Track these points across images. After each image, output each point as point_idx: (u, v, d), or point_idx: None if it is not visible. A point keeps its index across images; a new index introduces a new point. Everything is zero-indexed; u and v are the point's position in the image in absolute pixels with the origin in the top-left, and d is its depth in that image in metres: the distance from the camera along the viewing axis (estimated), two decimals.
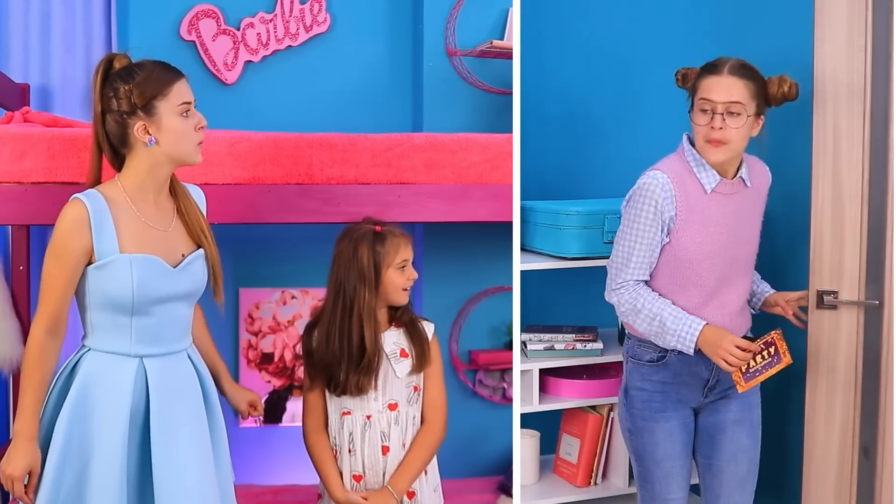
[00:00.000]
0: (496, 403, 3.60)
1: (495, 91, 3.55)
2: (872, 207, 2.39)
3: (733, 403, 2.33)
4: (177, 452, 2.05)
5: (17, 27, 3.26)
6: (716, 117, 2.18)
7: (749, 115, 2.19)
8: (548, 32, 3.36)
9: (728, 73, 2.19)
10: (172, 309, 2.10)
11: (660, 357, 2.34)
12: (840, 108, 2.41)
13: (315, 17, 3.48)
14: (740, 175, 2.28)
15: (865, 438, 2.44)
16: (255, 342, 3.46)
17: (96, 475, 2.01)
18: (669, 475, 2.37)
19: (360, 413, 2.42)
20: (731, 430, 2.33)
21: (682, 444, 2.36)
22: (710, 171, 2.25)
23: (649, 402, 2.36)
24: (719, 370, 2.30)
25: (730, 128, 2.18)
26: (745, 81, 2.19)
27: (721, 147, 2.20)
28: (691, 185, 2.25)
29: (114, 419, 2.02)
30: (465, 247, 3.49)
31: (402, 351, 2.46)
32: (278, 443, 3.48)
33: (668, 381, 2.34)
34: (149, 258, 2.03)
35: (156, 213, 2.10)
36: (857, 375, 2.43)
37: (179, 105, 2.05)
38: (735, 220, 2.28)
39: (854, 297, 2.42)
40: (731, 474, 2.33)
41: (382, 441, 2.42)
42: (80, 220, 1.99)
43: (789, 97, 2.24)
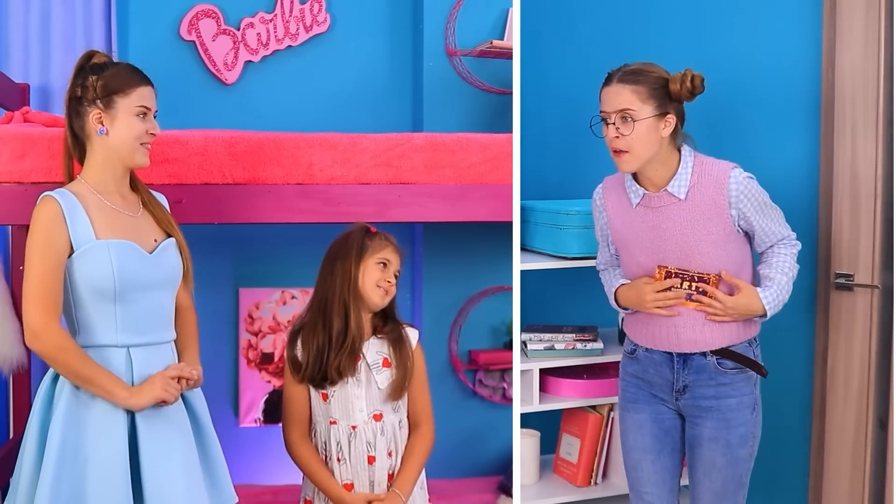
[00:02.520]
0: (496, 403, 3.60)
1: (495, 91, 3.55)
2: (885, 200, 2.57)
3: (709, 419, 2.27)
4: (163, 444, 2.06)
5: (17, 27, 3.27)
6: (609, 127, 2.20)
7: (645, 118, 2.17)
8: (548, 32, 3.36)
9: (616, 82, 2.20)
10: (153, 297, 2.13)
11: (632, 350, 2.39)
12: (857, 108, 2.62)
13: (315, 17, 3.48)
14: (666, 189, 2.23)
15: (881, 411, 2.62)
16: (255, 342, 3.46)
17: (99, 476, 2.01)
18: (638, 467, 2.37)
19: (346, 423, 2.41)
20: (707, 447, 2.28)
21: (653, 438, 2.35)
22: (635, 186, 2.28)
23: (625, 392, 2.42)
24: (684, 374, 2.28)
25: (624, 135, 2.17)
26: (634, 86, 2.18)
27: (624, 156, 2.19)
28: (623, 198, 2.34)
29: (112, 415, 2.03)
30: (465, 247, 3.49)
31: (385, 360, 2.44)
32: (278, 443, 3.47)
33: (640, 375, 2.38)
34: (125, 243, 2.09)
35: (122, 201, 2.17)
36: (871, 352, 2.61)
37: (137, 106, 2.13)
38: (660, 233, 2.25)
39: (868, 281, 2.61)
40: (706, 488, 2.30)
41: (368, 451, 2.41)
42: (56, 214, 2.05)
43: (696, 91, 2.20)
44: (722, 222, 2.20)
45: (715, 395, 2.26)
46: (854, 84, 2.63)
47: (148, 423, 2.07)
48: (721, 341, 2.26)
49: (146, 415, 2.07)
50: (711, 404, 2.26)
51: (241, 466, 3.37)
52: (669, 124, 2.20)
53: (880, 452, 2.63)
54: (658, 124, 2.19)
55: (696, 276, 2.22)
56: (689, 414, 2.31)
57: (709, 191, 2.20)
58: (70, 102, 2.16)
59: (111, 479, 2.00)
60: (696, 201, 2.21)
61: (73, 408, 2.04)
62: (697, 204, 2.21)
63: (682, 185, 2.22)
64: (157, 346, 2.16)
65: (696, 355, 2.27)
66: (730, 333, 2.26)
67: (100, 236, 2.07)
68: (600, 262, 2.54)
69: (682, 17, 3.03)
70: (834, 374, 2.72)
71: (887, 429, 2.60)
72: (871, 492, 2.64)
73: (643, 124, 2.16)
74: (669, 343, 2.28)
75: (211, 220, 2.52)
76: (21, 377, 3.09)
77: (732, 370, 2.26)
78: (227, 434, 3.39)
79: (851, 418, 2.67)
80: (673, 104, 2.21)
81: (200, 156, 2.54)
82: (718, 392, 2.26)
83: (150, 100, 2.16)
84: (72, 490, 2.00)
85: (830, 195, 2.69)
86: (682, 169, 2.23)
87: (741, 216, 2.21)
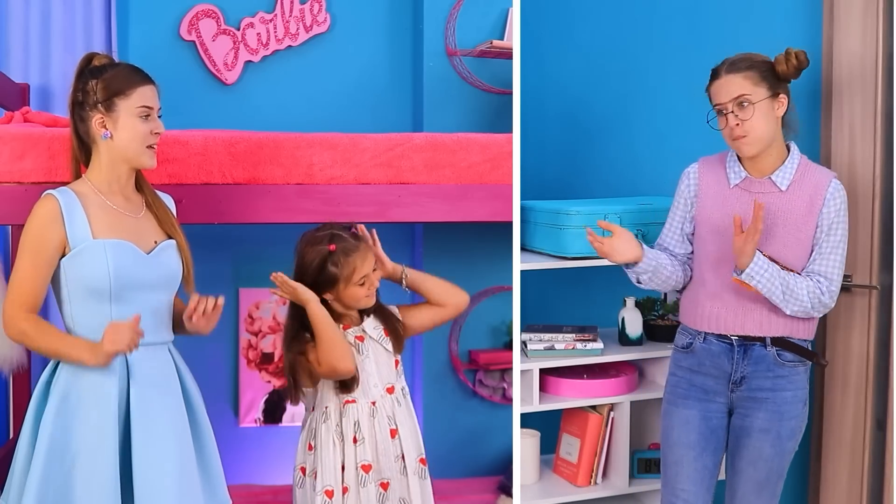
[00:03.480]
0: (496, 403, 3.60)
1: (495, 91, 3.55)
2: (884, 200, 2.57)
3: (762, 411, 2.30)
4: (156, 442, 2.06)
5: (17, 27, 3.27)
6: (728, 116, 2.25)
7: (760, 100, 2.23)
8: (548, 32, 3.36)
9: (726, 73, 2.26)
10: (150, 298, 2.13)
11: (688, 343, 2.39)
12: (855, 106, 2.62)
13: (315, 17, 3.48)
14: (770, 177, 2.29)
15: (879, 412, 2.62)
16: (255, 342, 3.46)
17: (86, 472, 2.01)
18: (679, 463, 2.38)
19: (365, 400, 2.42)
20: (756, 437, 2.31)
21: (698, 435, 2.36)
22: (738, 167, 2.33)
23: (675, 388, 2.43)
24: (744, 364, 2.31)
25: (743, 121, 2.23)
26: (743, 73, 2.24)
27: (744, 140, 2.25)
28: (720, 177, 2.36)
29: (102, 412, 2.04)
30: (465, 247, 3.49)
31: (385, 330, 2.50)
32: (278, 443, 3.48)
33: (695, 369, 2.38)
34: (122, 243, 2.09)
35: (125, 202, 2.17)
36: (869, 353, 2.62)
37: (139, 107, 2.13)
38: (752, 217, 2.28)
39: (866, 282, 2.61)
40: (749, 477, 2.33)
41: (390, 425, 2.43)
42: (54, 213, 2.07)
43: (802, 66, 2.26)
44: (811, 223, 2.26)
45: (771, 388, 2.29)
46: (852, 84, 2.63)
47: (142, 421, 2.07)
48: (784, 328, 2.30)
49: (141, 412, 2.07)
50: (767, 396, 2.30)
51: (240, 466, 3.37)
52: (783, 104, 2.27)
53: (878, 453, 2.63)
54: (773, 105, 2.25)
55: (782, 267, 2.24)
56: (740, 406, 2.34)
57: (808, 189, 2.27)
58: (73, 108, 2.17)
59: (99, 477, 2.00)
60: (794, 195, 2.28)
61: (63, 405, 2.04)
62: (795, 199, 2.27)
63: (786, 177, 2.28)
64: (155, 346, 2.16)
65: (757, 346, 2.30)
66: (794, 323, 2.30)
67: (97, 236, 2.08)
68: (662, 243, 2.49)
69: (681, 16, 3.04)
70: (832, 375, 2.72)
71: (885, 430, 2.60)
72: (869, 492, 2.64)
73: (760, 106, 2.23)
74: (735, 325, 2.30)
75: (211, 220, 2.52)
76: (21, 377, 3.09)
77: (791, 362, 2.29)
78: (227, 434, 3.39)
79: (849, 419, 2.68)
80: (782, 84, 2.27)
81: (200, 156, 2.54)
82: (775, 384, 2.29)
83: (152, 99, 2.16)
84: (59, 487, 2.00)
85: None
86: (789, 162, 2.30)
87: (822, 224, 2.26)
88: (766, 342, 2.30)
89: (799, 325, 2.31)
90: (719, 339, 2.34)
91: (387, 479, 2.41)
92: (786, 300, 2.24)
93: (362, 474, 2.40)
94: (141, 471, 2.04)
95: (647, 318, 2.94)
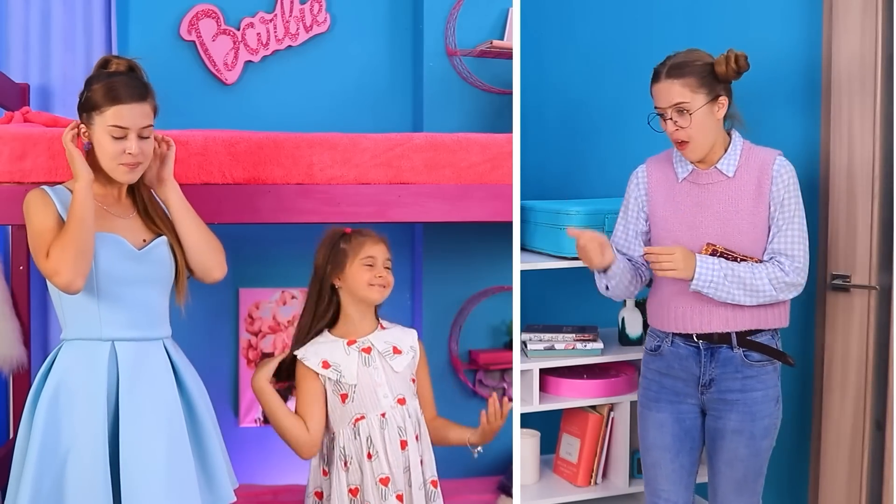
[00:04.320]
0: None
1: (495, 91, 3.55)
2: (883, 200, 2.57)
3: (734, 412, 2.30)
4: (145, 437, 2.07)
5: (17, 27, 3.26)
6: (668, 122, 2.27)
7: (699, 107, 2.24)
8: (548, 32, 3.36)
9: (665, 78, 2.27)
10: (141, 293, 2.14)
11: (656, 346, 2.40)
12: (854, 107, 2.62)
13: (315, 17, 3.48)
14: (716, 166, 2.31)
15: (878, 413, 2.62)
16: (255, 342, 3.46)
17: (77, 468, 2.02)
18: (657, 465, 2.39)
19: (375, 413, 2.41)
20: (730, 439, 2.31)
21: (673, 437, 2.37)
22: (684, 161, 2.35)
23: (647, 391, 2.43)
24: (711, 366, 2.31)
25: (683, 128, 2.25)
26: (682, 80, 2.24)
27: (688, 146, 2.28)
28: (668, 173, 2.38)
29: (91, 407, 2.05)
30: (465, 247, 3.49)
31: (395, 348, 2.49)
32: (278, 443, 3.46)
33: (664, 372, 2.38)
34: (112, 236, 2.11)
35: (116, 203, 2.20)
36: (868, 354, 2.61)
37: (110, 126, 2.12)
38: (703, 209, 2.31)
39: (865, 282, 2.61)
40: (727, 478, 2.33)
41: (400, 436, 2.42)
42: (46, 200, 2.11)
43: (742, 70, 2.27)
44: (763, 204, 2.27)
45: (741, 389, 2.29)
46: (851, 82, 2.63)
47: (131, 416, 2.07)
48: (750, 322, 2.29)
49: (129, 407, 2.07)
50: (737, 397, 2.29)
51: (241, 466, 3.36)
52: (723, 106, 2.29)
53: (878, 454, 2.63)
54: (712, 109, 2.27)
55: (740, 257, 2.24)
56: (712, 408, 2.34)
57: (755, 171, 2.29)
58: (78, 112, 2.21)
59: (90, 471, 2.01)
60: (742, 180, 2.29)
61: (54, 401, 2.06)
62: (743, 183, 2.28)
63: (732, 164, 2.30)
64: (148, 342, 2.16)
65: (724, 348, 2.29)
66: (761, 315, 2.29)
67: None
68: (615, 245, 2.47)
69: (681, 17, 3.03)
70: (831, 376, 2.71)
71: (884, 430, 2.60)
72: (868, 493, 2.64)
73: (699, 113, 2.24)
74: (701, 324, 2.30)
75: (211, 220, 2.51)
76: (21, 377, 3.09)
77: (759, 362, 2.29)
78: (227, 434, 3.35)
79: (849, 420, 2.67)
80: (721, 85, 2.28)
81: (200, 156, 2.54)
82: (745, 385, 2.29)
83: (127, 118, 2.12)
84: (54, 481, 2.01)
85: (827, 195, 2.69)
86: (732, 148, 2.31)
87: (773, 201, 2.26)
88: (732, 343, 2.29)
89: (767, 315, 2.30)
90: (686, 342, 2.34)
91: (401, 492, 2.40)
92: (748, 295, 2.23)
93: (382, 488, 2.38)
94: (128, 466, 2.04)
95: (647, 319, 2.93)
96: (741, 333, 2.29)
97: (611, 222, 2.69)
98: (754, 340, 2.29)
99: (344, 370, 2.42)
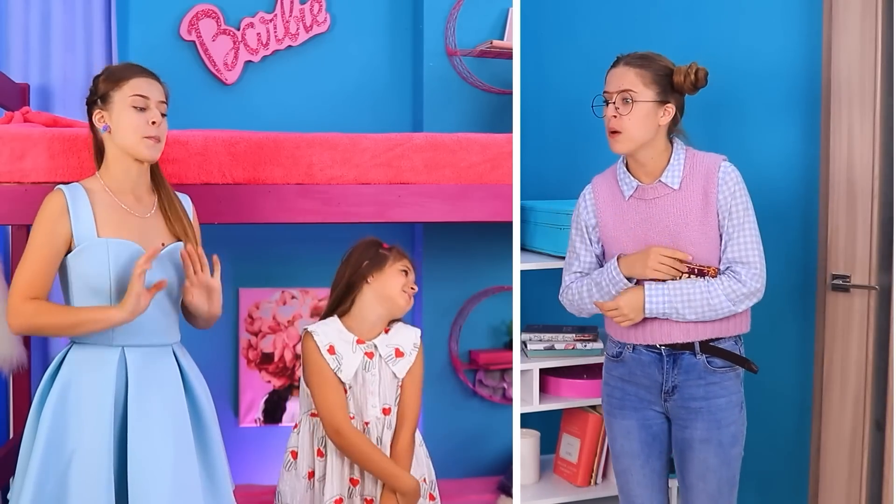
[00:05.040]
0: (496, 403, 3.60)
1: (495, 91, 3.55)
2: (883, 200, 2.58)
3: (699, 421, 2.25)
4: (152, 442, 2.06)
5: (17, 27, 3.26)
6: (609, 106, 2.23)
7: (644, 101, 2.20)
8: (548, 32, 3.36)
9: (622, 65, 2.24)
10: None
11: (618, 353, 2.35)
12: (854, 108, 2.62)
13: (315, 17, 3.48)
14: (660, 179, 2.25)
15: (877, 413, 2.62)
16: (255, 342, 3.46)
17: (81, 470, 2.02)
18: (627, 472, 2.36)
19: (359, 420, 2.42)
20: (699, 449, 2.26)
21: (641, 443, 2.33)
22: (629, 178, 2.30)
23: (610, 398, 2.39)
24: (674, 373, 2.27)
25: (621, 115, 2.20)
26: (639, 70, 2.21)
27: (618, 137, 2.22)
28: (614, 191, 2.34)
29: (98, 411, 2.05)
30: (465, 247, 3.50)
31: (397, 350, 2.48)
32: (278, 443, 3.47)
33: (626, 378, 2.34)
34: (126, 243, 2.10)
35: (135, 202, 2.18)
36: (868, 354, 2.61)
37: (131, 96, 2.13)
38: (652, 224, 2.26)
39: (865, 282, 2.61)
40: (700, 491, 2.28)
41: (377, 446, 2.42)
42: (61, 207, 2.08)
43: (699, 85, 2.23)
44: (711, 212, 2.22)
45: (704, 396, 2.24)
46: (850, 83, 2.63)
47: (139, 421, 2.07)
48: (711, 332, 2.24)
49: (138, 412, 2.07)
50: (701, 405, 2.25)
51: (240, 466, 3.37)
52: (668, 113, 2.23)
53: (877, 454, 2.63)
54: (657, 111, 2.22)
55: (697, 268, 2.21)
56: (677, 416, 2.29)
57: (700, 180, 2.23)
58: (87, 110, 2.20)
59: (94, 476, 2.01)
60: (688, 191, 2.23)
61: (61, 402, 2.05)
62: (690, 193, 2.23)
63: (676, 175, 2.24)
64: (157, 348, 2.16)
65: (686, 354, 2.25)
66: (720, 325, 2.25)
67: (102, 234, 2.09)
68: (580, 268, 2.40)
69: (681, 16, 3.03)
70: (830, 376, 2.71)
71: (884, 430, 2.60)
72: (868, 493, 2.64)
73: (642, 107, 2.19)
74: (661, 334, 2.25)
75: (211, 220, 2.51)
76: (21, 377, 3.09)
77: (722, 368, 2.25)
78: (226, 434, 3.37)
79: (848, 420, 2.67)
80: (674, 95, 2.24)
81: (200, 156, 2.54)
82: (708, 392, 2.24)
83: (147, 89, 2.15)
84: (56, 483, 2.01)
85: (827, 195, 2.69)
86: (674, 159, 2.25)
87: (721, 209, 2.21)
88: (695, 350, 2.25)
89: (728, 323, 2.26)
90: (648, 349, 2.29)
91: (370, 497, 2.40)
92: (705, 313, 2.19)
93: (351, 487, 2.41)
94: (136, 471, 2.04)
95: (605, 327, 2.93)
96: (704, 341, 2.25)
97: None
98: (717, 346, 2.25)
99: (343, 364, 2.41)
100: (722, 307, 2.19)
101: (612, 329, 2.37)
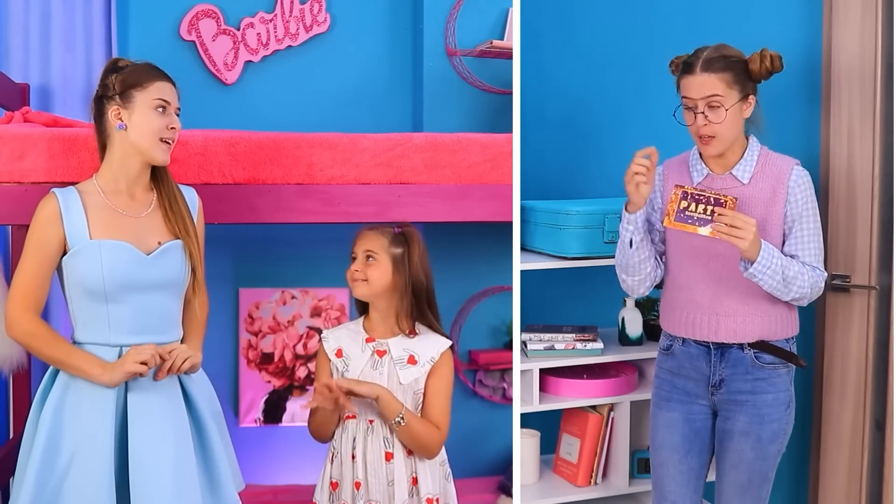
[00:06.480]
0: (496, 403, 3.60)
1: (495, 91, 3.56)
2: (883, 200, 2.57)
3: (742, 414, 2.28)
4: (153, 444, 2.06)
5: (17, 27, 3.27)
6: (698, 116, 2.23)
7: (733, 104, 2.21)
8: (548, 32, 3.36)
9: (701, 71, 2.21)
10: (150, 298, 2.13)
11: (668, 346, 2.40)
12: (853, 106, 2.62)
13: (315, 17, 3.48)
14: (731, 172, 2.28)
15: (877, 413, 2.62)
16: (255, 342, 3.46)
17: (81, 470, 2.02)
18: (665, 465, 2.38)
19: (364, 417, 2.36)
20: (737, 440, 2.29)
21: (682, 437, 2.36)
22: (700, 165, 2.33)
23: (658, 390, 2.43)
24: (721, 367, 2.30)
25: (712, 123, 2.21)
26: (721, 74, 2.21)
27: (712, 142, 2.24)
28: (684, 177, 2.36)
29: (99, 411, 2.04)
30: (465, 247, 3.50)
31: (411, 357, 2.38)
32: (278, 443, 3.48)
33: (675, 371, 2.38)
34: (118, 244, 2.09)
35: (129, 201, 2.17)
36: (868, 354, 2.61)
37: (155, 99, 2.14)
38: None
39: (865, 282, 2.61)
40: (732, 480, 2.32)
41: (386, 447, 2.35)
42: (53, 212, 2.09)
43: (774, 70, 2.25)
44: (775, 214, 2.25)
45: (751, 390, 2.27)
46: (851, 83, 2.63)
47: (140, 420, 2.07)
48: (760, 333, 2.27)
49: (138, 410, 2.07)
50: (747, 398, 2.28)
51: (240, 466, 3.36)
52: (751, 105, 2.27)
53: (877, 454, 2.63)
54: (742, 107, 2.25)
55: (714, 197, 2.19)
56: (722, 408, 2.33)
57: (770, 180, 2.26)
58: (94, 105, 2.19)
59: (94, 480, 2.00)
60: (756, 188, 2.26)
61: (60, 407, 2.05)
62: (757, 191, 2.26)
63: (747, 170, 2.27)
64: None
65: (734, 348, 2.28)
66: (770, 327, 2.28)
67: (94, 236, 2.09)
68: None
69: (681, 17, 3.04)
70: (831, 376, 2.71)
71: (884, 430, 2.60)
72: (868, 494, 2.64)
73: (731, 110, 2.21)
74: (709, 332, 2.29)
75: (211, 220, 2.51)
76: (21, 377, 3.09)
77: (770, 364, 2.27)
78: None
79: (848, 420, 2.67)
80: (751, 84, 2.26)
81: (200, 156, 2.54)
82: (755, 387, 2.27)
83: (170, 94, 2.18)
84: (54, 488, 2.01)
85: (827, 195, 2.69)
86: (748, 154, 2.29)
87: (791, 213, 2.24)
88: (742, 346, 2.28)
89: (776, 325, 2.28)
90: (697, 343, 2.33)
91: (375, 501, 2.34)
92: (787, 288, 2.20)
93: (354, 491, 2.35)
94: (137, 474, 2.03)
95: (647, 318, 2.94)
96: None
97: (611, 222, 2.69)
98: (765, 342, 2.28)
99: (351, 364, 2.38)
100: (803, 289, 2.21)
101: (664, 322, 2.41)
